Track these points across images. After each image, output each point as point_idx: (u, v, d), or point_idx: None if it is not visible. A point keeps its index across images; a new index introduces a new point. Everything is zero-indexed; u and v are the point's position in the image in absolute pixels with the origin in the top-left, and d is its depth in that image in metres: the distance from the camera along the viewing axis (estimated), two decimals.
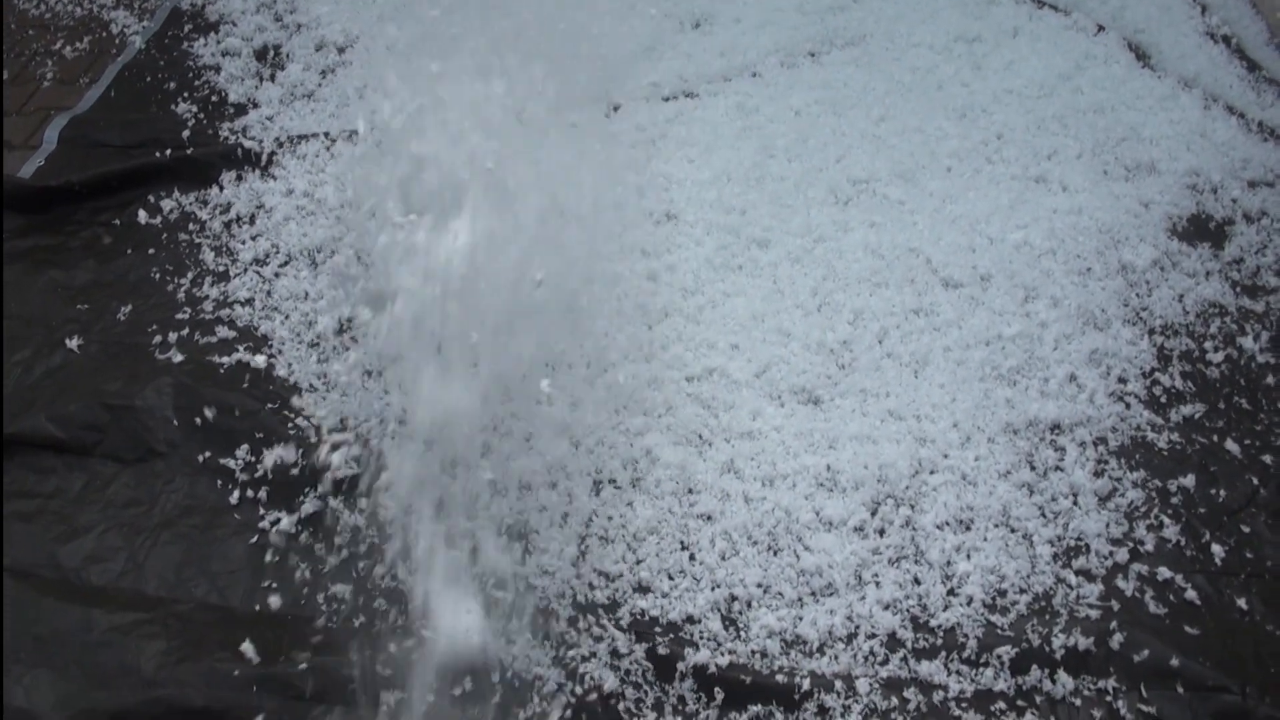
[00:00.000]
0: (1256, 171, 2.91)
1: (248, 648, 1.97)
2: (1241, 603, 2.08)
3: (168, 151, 2.89)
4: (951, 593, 2.07)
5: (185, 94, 3.08)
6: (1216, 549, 2.15)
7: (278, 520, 2.18)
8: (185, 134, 2.95)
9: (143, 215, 2.75)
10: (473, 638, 1.97)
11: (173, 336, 2.47)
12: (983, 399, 2.36)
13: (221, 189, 2.81)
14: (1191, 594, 2.08)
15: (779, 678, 1.94)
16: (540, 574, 2.07)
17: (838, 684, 1.94)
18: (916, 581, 2.08)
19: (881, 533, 2.15)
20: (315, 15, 3.31)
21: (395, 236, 2.13)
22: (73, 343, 2.48)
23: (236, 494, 2.22)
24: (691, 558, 2.10)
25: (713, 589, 2.05)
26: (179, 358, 2.43)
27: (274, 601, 2.07)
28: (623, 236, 2.69)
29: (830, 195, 2.80)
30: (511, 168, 2.22)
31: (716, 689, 1.94)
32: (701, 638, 2.00)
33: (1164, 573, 2.10)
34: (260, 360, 2.42)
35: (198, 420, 2.30)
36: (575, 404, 2.33)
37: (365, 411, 2.33)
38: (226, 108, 3.05)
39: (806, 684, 1.94)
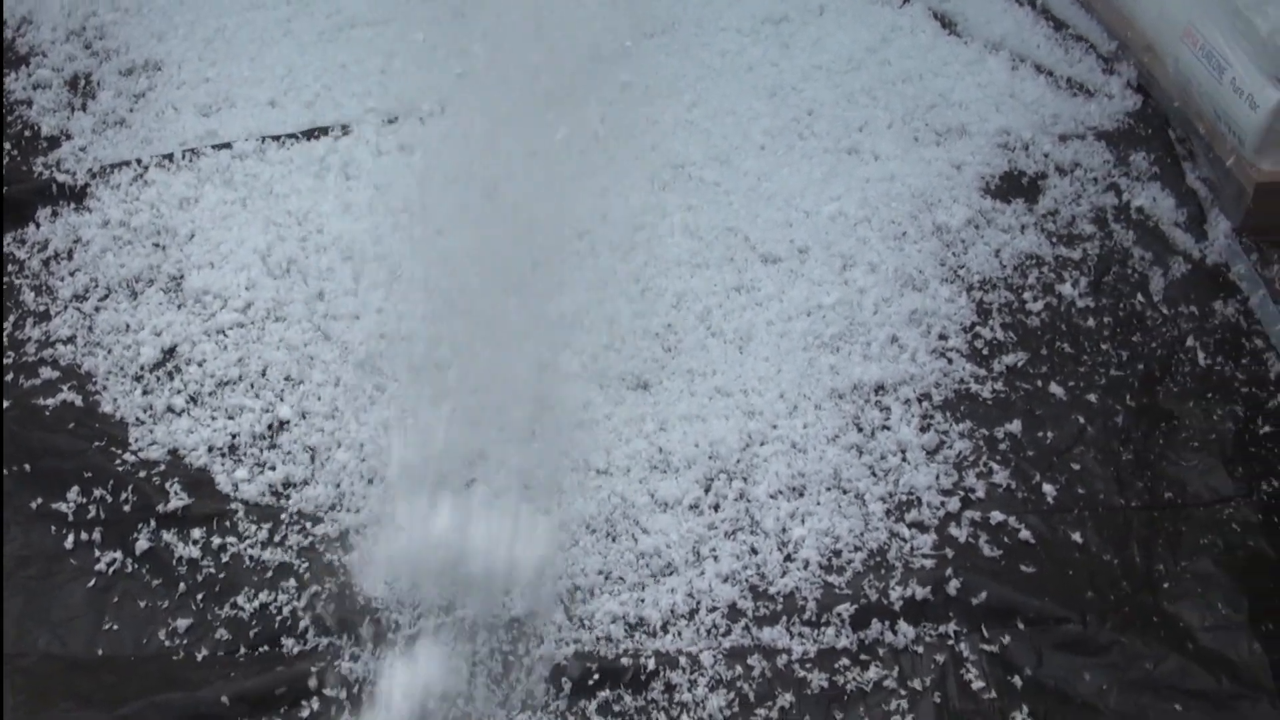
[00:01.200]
0: (1067, 125, 2.99)
1: None
2: (1076, 536, 2.15)
3: None
4: (788, 558, 2.10)
5: None
6: (1048, 488, 2.22)
7: (114, 560, 2.12)
8: None
9: None
10: (319, 660, 1.96)
11: None
12: (807, 368, 2.40)
13: (38, 226, 2.73)
14: (1025, 534, 2.15)
15: (624, 661, 1.96)
16: (378, 584, 2.06)
17: (682, 660, 1.96)
18: (753, 551, 2.11)
19: (716, 508, 2.18)
20: (124, 40, 3.24)
21: None
22: None
23: (71, 538, 2.16)
24: (534, 553, 2.10)
25: (555, 581, 2.06)
26: (4, 404, 2.36)
27: (116, 643, 2.02)
28: None
29: (647, 182, 2.81)
30: None
31: (563, 679, 1.94)
32: (547, 630, 1.99)
33: (996, 516, 2.16)
34: (84, 398, 2.36)
35: (27, 467, 2.24)
36: (406, 409, 2.33)
37: (195, 440, 2.29)
38: (40, 142, 2.96)
39: (651, 664, 1.95)
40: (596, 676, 1.94)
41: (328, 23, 3.34)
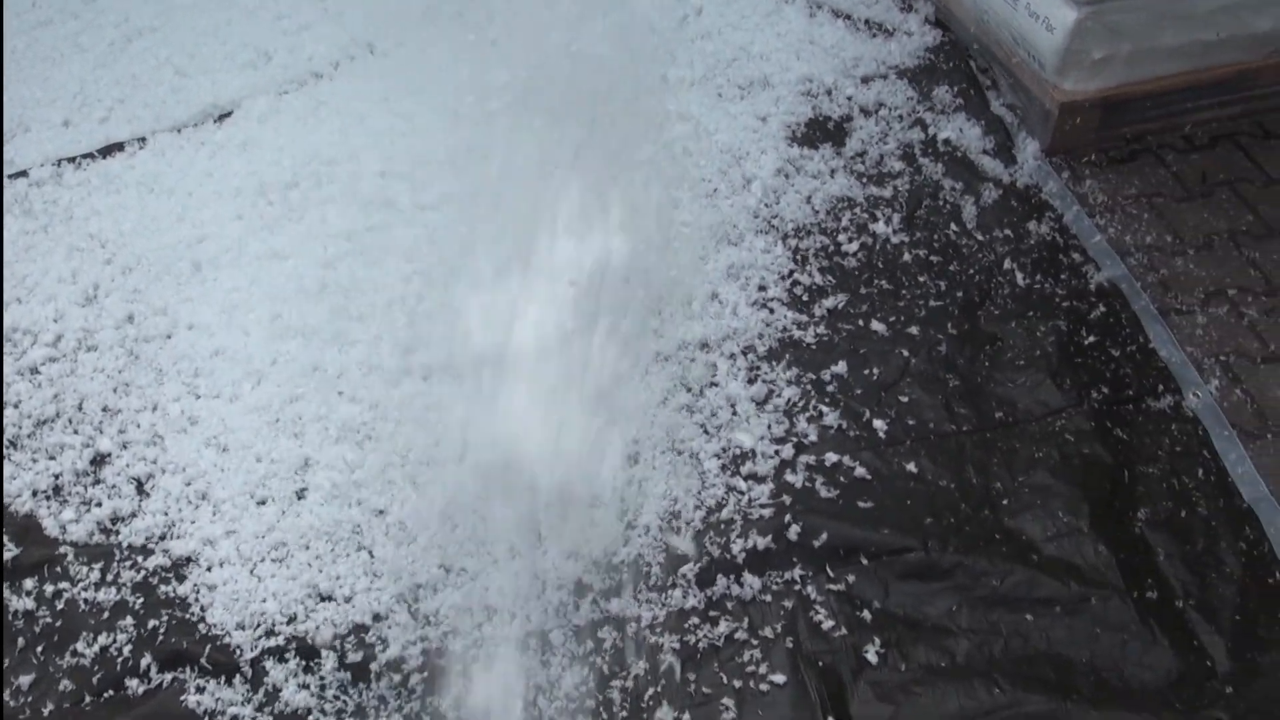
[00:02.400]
0: (869, 67, 3.03)
1: None
2: (911, 467, 2.18)
3: None
4: (629, 526, 2.10)
5: None
6: (879, 424, 2.25)
7: None
8: None
9: None
10: (164, 699, 1.92)
11: None
12: (630, 334, 2.36)
13: None
14: (861, 471, 2.17)
15: (473, 651, 1.94)
16: (213, 608, 2.02)
17: (532, 642, 1.95)
18: (593, 524, 2.10)
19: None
20: None
21: None
22: None
23: None
24: (370, 555, 2.07)
25: (395, 581, 2.03)
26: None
27: None
28: None
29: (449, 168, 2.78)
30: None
31: (413, 679, 1.92)
32: (392, 633, 1.97)
33: (831, 458, 2.18)
34: None
35: None
36: (222, 418, 2.30)
37: (18, 486, 2.21)
38: None
39: (503, 650, 1.94)
40: (448, 671, 1.92)
41: (117, 33, 3.26)
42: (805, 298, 2.49)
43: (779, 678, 1.91)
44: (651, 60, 3.02)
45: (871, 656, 1.92)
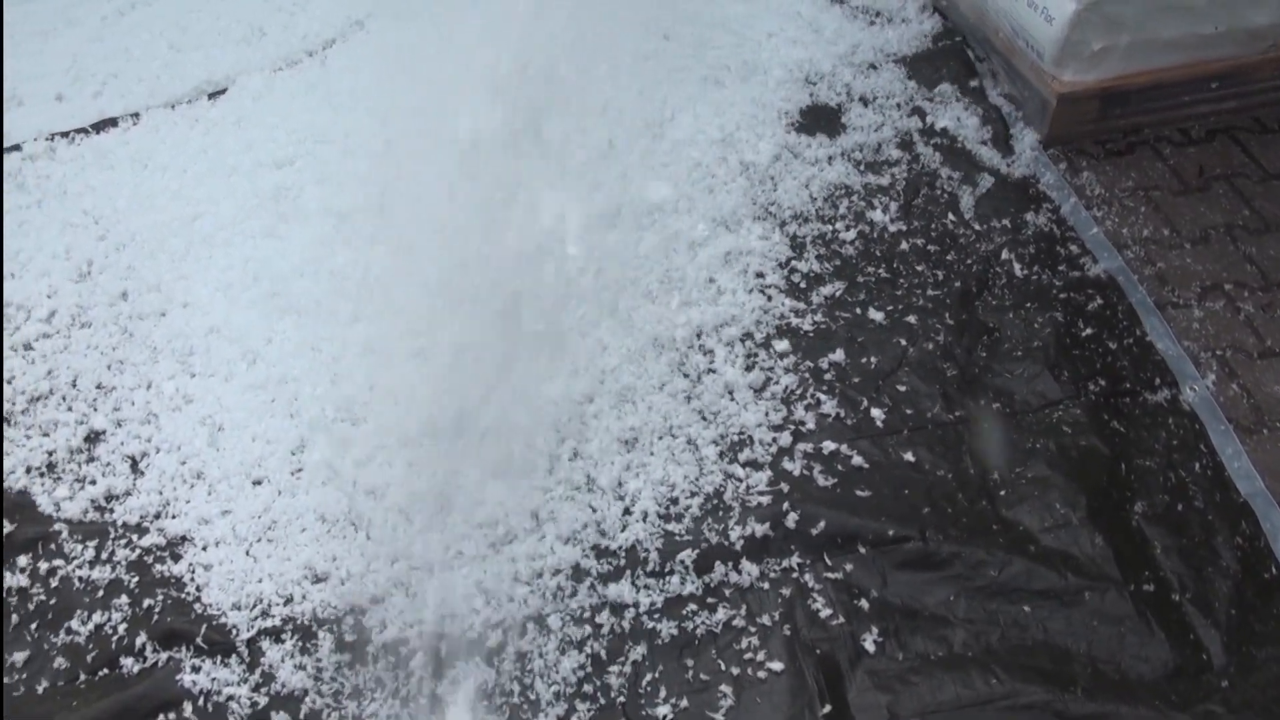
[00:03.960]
0: (866, 54, 3.02)
1: None
2: (908, 456, 2.18)
3: None
4: (627, 512, 2.10)
5: None
6: (876, 413, 2.24)
7: None
8: None
9: None
10: (160, 678, 1.91)
11: None
12: (627, 319, 2.39)
13: None
14: (858, 460, 2.17)
15: (470, 634, 1.94)
16: (209, 587, 2.01)
17: (529, 626, 1.95)
18: (592, 509, 2.10)
19: (550, 470, 2.15)
20: None
21: None
22: None
23: None
24: (367, 537, 2.07)
25: (391, 564, 2.02)
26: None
27: None
28: None
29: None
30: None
31: (413, 662, 1.92)
32: (389, 615, 1.96)
33: (828, 446, 2.18)
34: None
35: None
36: (218, 397, 2.28)
37: (12, 463, 2.20)
38: None
39: (500, 634, 1.94)
40: (445, 654, 1.92)
41: (110, 7, 3.25)
42: (803, 285, 2.48)
43: (777, 665, 1.91)
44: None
45: (869, 645, 1.92)
